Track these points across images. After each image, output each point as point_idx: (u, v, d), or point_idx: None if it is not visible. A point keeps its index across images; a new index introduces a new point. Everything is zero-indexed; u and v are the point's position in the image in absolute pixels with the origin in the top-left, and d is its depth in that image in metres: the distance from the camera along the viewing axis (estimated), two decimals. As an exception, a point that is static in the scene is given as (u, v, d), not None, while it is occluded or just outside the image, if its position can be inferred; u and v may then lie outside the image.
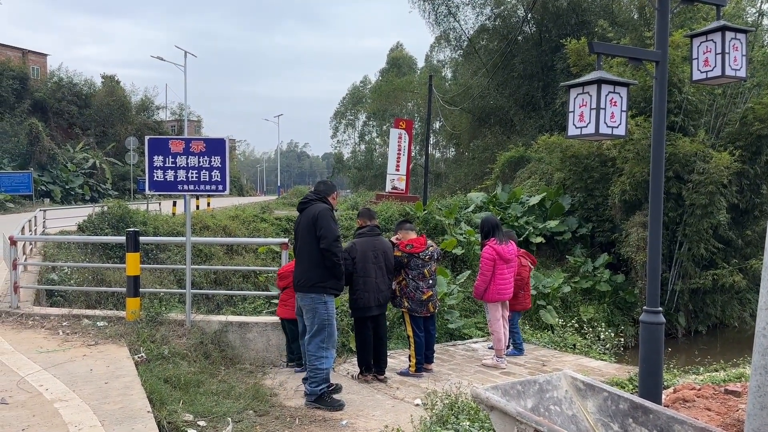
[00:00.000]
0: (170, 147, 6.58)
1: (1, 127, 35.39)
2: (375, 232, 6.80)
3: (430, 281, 7.05)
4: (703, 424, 2.69)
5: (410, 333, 7.04)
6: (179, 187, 6.63)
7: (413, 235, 7.18)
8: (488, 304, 7.63)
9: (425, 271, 6.98)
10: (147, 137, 6.70)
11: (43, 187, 33.51)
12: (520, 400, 2.95)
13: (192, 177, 6.60)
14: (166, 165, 6.60)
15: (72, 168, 36.84)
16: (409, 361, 7.07)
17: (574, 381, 3.14)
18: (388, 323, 9.98)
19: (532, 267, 8.65)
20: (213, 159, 6.56)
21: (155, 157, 6.59)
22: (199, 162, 6.58)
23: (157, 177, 6.62)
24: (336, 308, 7.60)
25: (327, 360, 5.68)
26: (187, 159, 6.57)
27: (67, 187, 35.45)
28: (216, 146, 6.59)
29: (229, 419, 4.89)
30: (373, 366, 6.77)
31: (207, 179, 6.60)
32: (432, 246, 7.18)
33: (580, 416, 3.02)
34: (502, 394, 2.89)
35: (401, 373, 7.02)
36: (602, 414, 2.98)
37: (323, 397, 5.62)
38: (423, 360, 7.08)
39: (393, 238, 7.23)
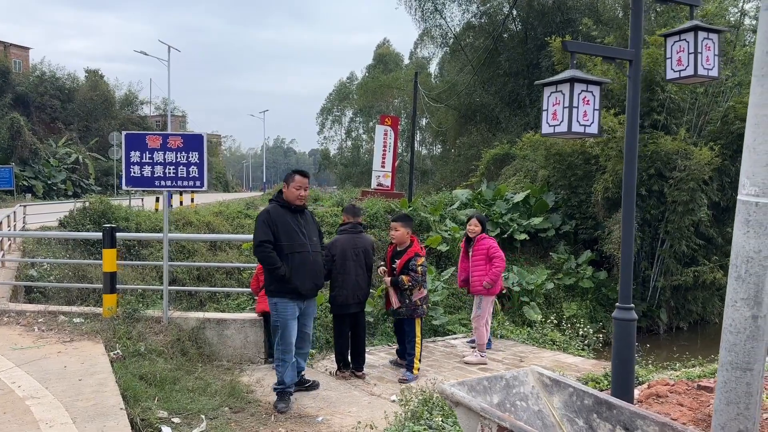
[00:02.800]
0: (147, 142, 6.54)
1: (-19, 122, 35.02)
2: (357, 230, 6.75)
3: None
4: (664, 419, 2.72)
5: (419, 334, 6.84)
6: (156, 182, 6.59)
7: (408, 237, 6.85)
8: (486, 298, 7.50)
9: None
10: (124, 132, 6.66)
11: (24, 183, 33.17)
12: (487, 396, 2.96)
13: (169, 173, 6.56)
14: (144, 160, 6.56)
15: (54, 163, 36.50)
16: (412, 365, 6.77)
17: (540, 377, 3.16)
18: (372, 320, 10.00)
19: None
20: (191, 155, 6.53)
21: (132, 153, 6.55)
22: (176, 158, 6.54)
23: (134, 173, 6.58)
24: (320, 305, 7.61)
25: (283, 364, 5.57)
26: (164, 155, 6.53)
27: (49, 182, 35.12)
28: (193, 142, 6.55)
29: (203, 416, 4.87)
30: (351, 362, 6.77)
31: (185, 175, 6.57)
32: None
33: (546, 411, 3.04)
34: (468, 389, 2.91)
35: (406, 380, 6.60)
36: (568, 409, 3.01)
37: (280, 395, 5.58)
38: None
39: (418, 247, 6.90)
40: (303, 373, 6.05)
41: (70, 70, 48.06)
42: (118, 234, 7.32)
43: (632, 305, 4.50)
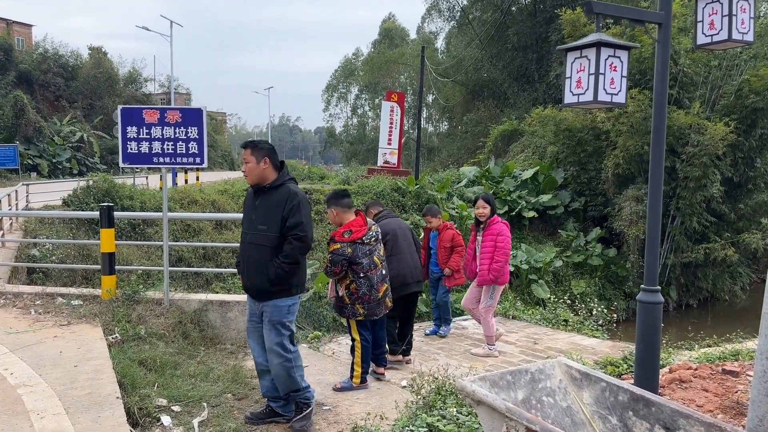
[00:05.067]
0: (144, 117, 6.25)
1: (-15, 100, 34.69)
2: (393, 213, 6.79)
3: (383, 271, 5.61)
4: (711, 419, 2.46)
5: (356, 336, 5.60)
6: (154, 159, 6.29)
7: (351, 217, 5.50)
8: (498, 287, 6.87)
9: (375, 258, 5.51)
10: (120, 107, 6.37)
11: (29, 161, 32.86)
12: (510, 392, 2.71)
13: (168, 149, 6.27)
14: (141, 136, 6.26)
15: (59, 141, 36.16)
16: (352, 371, 5.62)
17: (569, 369, 2.90)
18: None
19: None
20: (189, 130, 6.23)
21: (129, 128, 6.25)
22: (174, 133, 6.25)
23: (131, 149, 6.28)
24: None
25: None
26: (162, 130, 6.23)
27: (54, 160, 34.81)
28: (192, 116, 6.24)
29: (205, 404, 4.65)
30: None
31: (183, 151, 6.27)
32: (374, 224, 5.68)
33: (576, 408, 2.79)
34: (491, 385, 2.65)
35: (341, 389, 5.53)
36: (599, 406, 2.75)
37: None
38: (368, 368, 5.74)
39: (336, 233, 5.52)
40: (273, 402, 4.63)
41: (73, 48, 47.59)
42: (116, 213, 7.07)
43: (658, 287, 4.24)
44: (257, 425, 4.53)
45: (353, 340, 5.61)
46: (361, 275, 5.38)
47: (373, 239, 5.50)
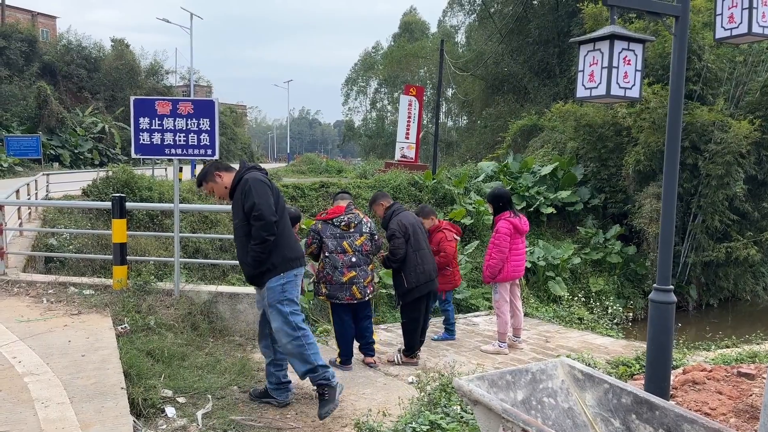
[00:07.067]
0: (156, 108, 6.24)
1: (9, 90, 35.08)
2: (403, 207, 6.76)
3: (353, 258, 5.82)
4: (717, 425, 2.38)
5: (332, 318, 6.10)
6: (166, 150, 6.29)
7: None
8: (499, 284, 6.84)
9: (345, 244, 5.80)
10: (132, 98, 6.38)
11: (52, 152, 33.24)
12: (510, 392, 2.64)
13: (180, 140, 6.26)
14: (153, 127, 6.26)
15: (81, 132, 36.53)
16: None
17: (571, 370, 2.82)
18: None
19: (458, 239, 7.50)
20: (201, 121, 6.21)
21: (141, 119, 6.25)
22: (186, 125, 6.24)
23: (144, 140, 6.28)
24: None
25: None
26: (174, 121, 6.22)
27: (76, 151, 35.17)
28: (204, 108, 6.22)
29: (209, 396, 4.64)
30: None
31: (195, 143, 6.26)
32: (353, 214, 5.93)
33: (577, 410, 2.72)
34: (489, 385, 2.59)
35: (331, 362, 5.85)
36: (602, 408, 2.68)
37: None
38: (351, 352, 6.07)
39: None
40: (269, 384, 4.89)
41: (96, 40, 47.96)
42: (128, 204, 7.10)
43: (671, 286, 4.13)
44: (254, 402, 4.80)
45: (333, 323, 6.05)
46: (326, 254, 5.80)
47: (342, 224, 5.85)
